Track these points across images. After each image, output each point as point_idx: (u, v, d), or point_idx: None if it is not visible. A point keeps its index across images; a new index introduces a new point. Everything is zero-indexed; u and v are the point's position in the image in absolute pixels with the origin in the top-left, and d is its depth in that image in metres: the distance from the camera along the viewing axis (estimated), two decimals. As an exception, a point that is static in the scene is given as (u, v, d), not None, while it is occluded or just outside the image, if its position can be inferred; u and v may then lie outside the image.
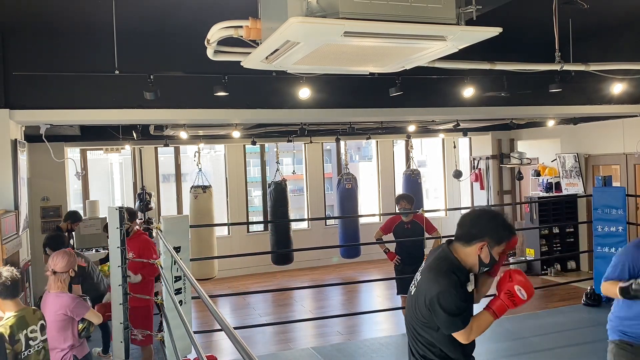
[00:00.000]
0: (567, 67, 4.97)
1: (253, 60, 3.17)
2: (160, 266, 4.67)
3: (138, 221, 6.24)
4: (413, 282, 2.81)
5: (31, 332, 3.46)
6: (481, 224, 2.67)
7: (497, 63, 4.90)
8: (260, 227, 11.71)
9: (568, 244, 10.31)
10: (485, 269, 2.70)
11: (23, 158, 5.72)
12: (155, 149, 10.73)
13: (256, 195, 13.62)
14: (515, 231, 2.76)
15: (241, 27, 3.09)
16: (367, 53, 3.00)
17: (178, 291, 4.75)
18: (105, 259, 6.35)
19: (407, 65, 3.41)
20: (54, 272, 4.10)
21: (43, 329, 3.59)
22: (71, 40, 5.64)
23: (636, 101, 7.50)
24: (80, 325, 4.05)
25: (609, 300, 6.88)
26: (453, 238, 2.76)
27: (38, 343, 3.51)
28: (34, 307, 3.75)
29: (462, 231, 2.69)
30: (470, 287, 2.67)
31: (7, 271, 3.49)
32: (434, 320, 2.64)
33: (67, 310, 4.02)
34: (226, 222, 11.40)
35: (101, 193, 12.47)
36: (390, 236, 7.08)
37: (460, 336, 2.64)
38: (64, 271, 4.12)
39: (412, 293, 2.78)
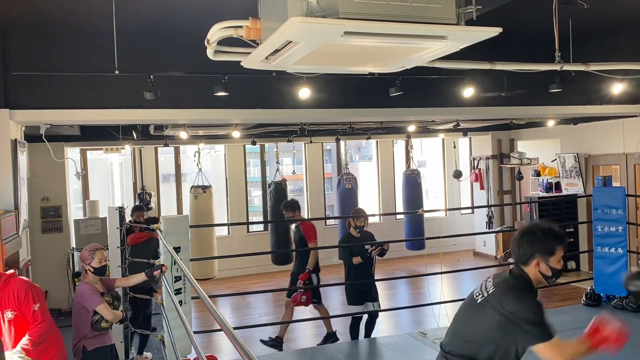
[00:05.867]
0: (567, 67, 4.97)
1: (253, 60, 3.17)
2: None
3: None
4: (478, 294, 2.79)
5: None
6: (525, 244, 2.71)
7: (497, 63, 4.90)
8: (260, 227, 11.70)
9: (568, 244, 10.25)
10: (555, 278, 2.75)
11: (23, 158, 5.71)
12: (155, 149, 10.73)
13: (256, 195, 13.61)
14: (561, 234, 2.76)
15: (241, 27, 3.09)
16: (367, 53, 3.00)
17: (178, 291, 4.75)
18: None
19: (407, 65, 3.41)
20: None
21: None
22: (71, 40, 5.64)
23: (636, 101, 7.49)
24: (93, 317, 4.12)
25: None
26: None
27: None
28: None
29: (516, 255, 2.75)
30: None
31: None
32: (501, 334, 2.60)
33: (81, 299, 4.16)
34: (226, 222, 11.40)
35: (101, 193, 12.46)
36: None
37: (549, 350, 2.54)
38: (83, 262, 4.28)
39: (478, 301, 2.74)
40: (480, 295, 2.77)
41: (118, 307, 4.34)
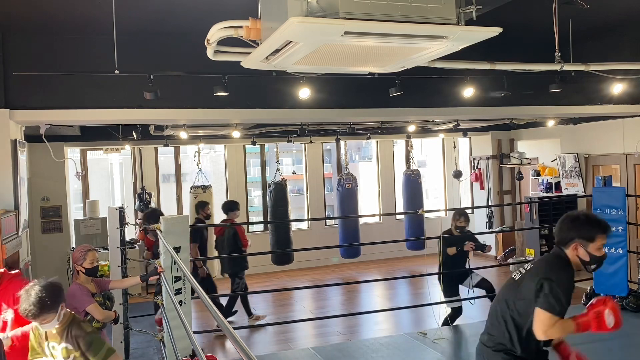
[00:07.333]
0: (567, 67, 4.97)
1: (253, 60, 3.17)
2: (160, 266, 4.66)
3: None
4: (518, 271, 3.03)
5: None
6: (567, 227, 2.89)
7: (497, 63, 4.91)
8: (260, 227, 11.70)
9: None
10: (595, 266, 2.86)
11: (23, 158, 5.71)
12: (155, 149, 10.73)
13: (256, 195, 13.61)
14: (605, 224, 2.88)
15: (241, 27, 3.09)
16: (367, 53, 3.01)
17: (178, 291, 4.74)
18: None
19: (407, 65, 3.42)
20: None
21: None
22: (71, 40, 5.64)
23: (636, 101, 7.49)
24: (84, 318, 4.12)
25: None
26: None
27: None
28: None
29: (557, 237, 2.93)
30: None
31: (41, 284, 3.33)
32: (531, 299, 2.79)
33: (71, 300, 4.14)
34: (226, 222, 11.39)
35: (101, 193, 12.46)
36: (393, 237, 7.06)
37: (545, 320, 2.72)
38: (74, 263, 4.31)
39: (517, 278, 2.96)
40: (518, 273, 2.97)
41: (111, 307, 4.34)
